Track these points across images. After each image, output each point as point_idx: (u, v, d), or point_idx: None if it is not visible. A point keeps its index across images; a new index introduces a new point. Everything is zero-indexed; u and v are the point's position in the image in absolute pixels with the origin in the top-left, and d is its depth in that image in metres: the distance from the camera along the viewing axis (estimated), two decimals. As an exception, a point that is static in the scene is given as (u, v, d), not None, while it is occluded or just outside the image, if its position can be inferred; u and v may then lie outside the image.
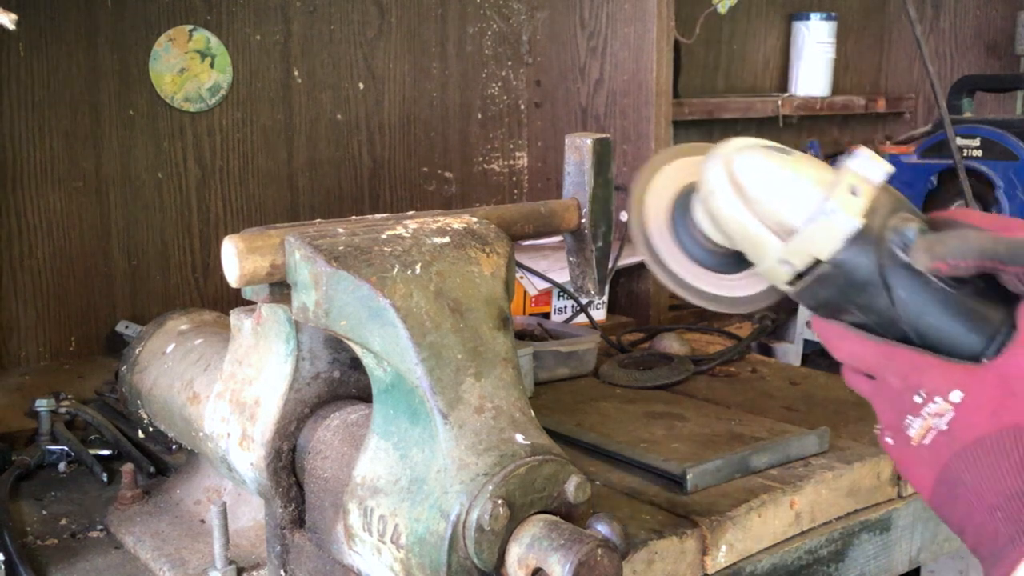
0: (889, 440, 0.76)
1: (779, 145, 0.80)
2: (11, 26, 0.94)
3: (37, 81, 1.74)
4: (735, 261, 0.86)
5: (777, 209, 0.78)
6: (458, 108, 2.27)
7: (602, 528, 0.78)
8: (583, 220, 1.11)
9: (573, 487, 0.81)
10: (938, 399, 0.72)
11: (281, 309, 0.93)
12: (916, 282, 0.75)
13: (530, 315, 1.91)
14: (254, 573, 1.00)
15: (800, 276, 0.78)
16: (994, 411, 0.69)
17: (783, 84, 2.93)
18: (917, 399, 0.73)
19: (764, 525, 1.18)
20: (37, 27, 1.74)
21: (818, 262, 0.77)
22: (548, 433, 0.85)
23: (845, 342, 0.79)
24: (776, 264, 0.78)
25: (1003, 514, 0.67)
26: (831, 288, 0.77)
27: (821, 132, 2.92)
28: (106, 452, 1.32)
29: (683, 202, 0.87)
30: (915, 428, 0.73)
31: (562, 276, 1.88)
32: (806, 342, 1.81)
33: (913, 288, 0.75)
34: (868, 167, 0.76)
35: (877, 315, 0.77)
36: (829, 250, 0.76)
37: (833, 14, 2.85)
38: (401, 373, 0.82)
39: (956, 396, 0.71)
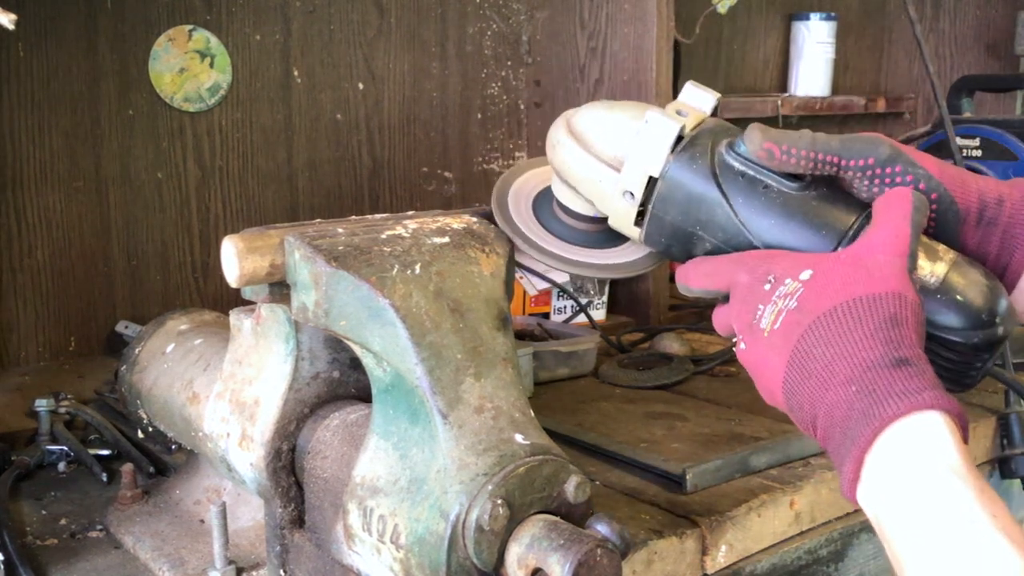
0: (743, 346, 0.72)
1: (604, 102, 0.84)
2: (10, 26, 0.94)
3: (37, 81, 1.74)
4: (606, 236, 0.88)
5: (610, 142, 0.81)
6: (458, 108, 2.27)
7: (602, 528, 0.78)
8: (583, 220, 1.11)
9: (573, 487, 0.81)
10: (788, 280, 0.69)
11: (281, 309, 0.93)
12: (755, 189, 0.75)
13: (530, 315, 1.92)
14: (254, 573, 1.00)
15: (642, 214, 0.80)
16: (847, 282, 0.66)
17: (783, 84, 2.93)
18: (767, 286, 0.70)
19: (764, 525, 1.18)
20: (37, 27, 1.73)
21: (654, 181, 0.79)
22: (548, 433, 0.85)
23: (695, 270, 0.78)
24: (621, 202, 0.80)
25: (857, 387, 0.62)
26: (672, 210, 0.78)
27: (821, 132, 2.92)
28: (106, 452, 1.32)
29: (541, 197, 0.91)
30: (766, 317, 0.69)
31: (562, 276, 1.88)
32: (806, 342, 1.81)
33: (752, 194, 0.75)
34: (696, 97, 0.80)
35: (723, 232, 0.76)
36: (659, 163, 0.78)
37: (833, 14, 2.85)
38: (401, 373, 0.82)
39: (806, 275, 0.68)
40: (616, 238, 0.88)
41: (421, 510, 0.79)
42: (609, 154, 0.82)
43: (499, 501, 0.76)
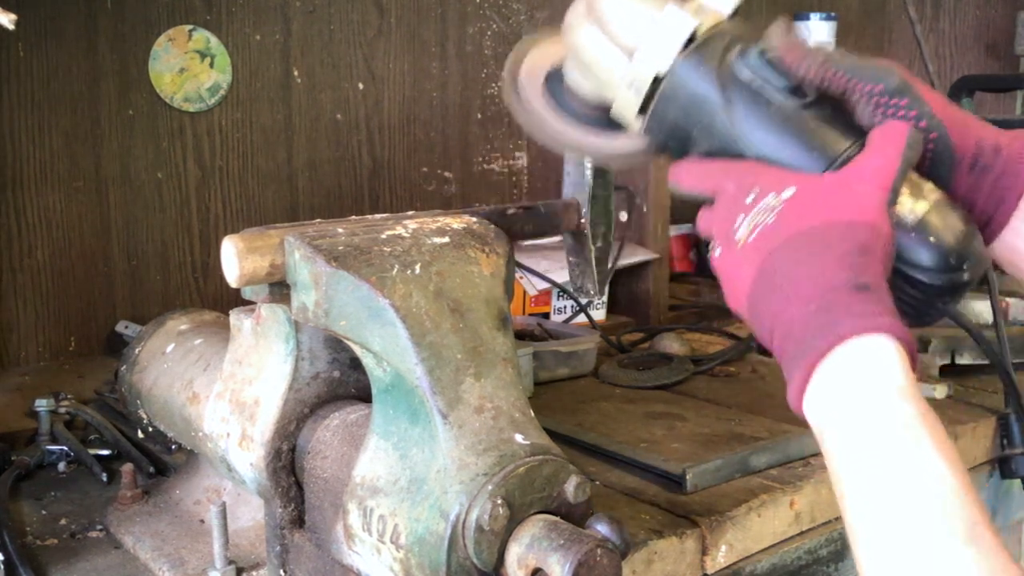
0: (717, 252, 0.74)
1: None
2: (11, 26, 0.94)
3: (37, 81, 1.74)
4: (608, 122, 0.86)
5: (626, 27, 0.79)
6: (458, 108, 2.27)
7: (602, 528, 0.78)
8: (583, 220, 1.11)
9: (573, 487, 0.81)
10: (771, 195, 0.70)
11: (281, 309, 0.93)
12: (757, 101, 0.75)
13: (530, 315, 1.91)
14: (254, 573, 1.00)
15: (645, 106, 0.79)
16: (825, 205, 0.67)
17: (783, 84, 2.93)
18: (749, 199, 0.71)
19: (764, 525, 1.18)
20: (37, 27, 1.73)
21: (661, 78, 0.78)
22: (548, 433, 0.85)
23: (687, 171, 0.78)
24: (626, 93, 0.79)
25: (818, 306, 0.64)
26: (674, 108, 0.78)
27: (821, 132, 2.92)
28: (106, 452, 1.32)
29: (554, 74, 0.90)
30: (743, 228, 0.71)
31: (562, 276, 1.88)
32: (806, 342, 1.81)
33: (754, 105, 0.75)
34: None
35: (719, 139, 0.76)
36: (667, 59, 0.77)
37: (833, 14, 2.85)
38: (401, 373, 0.82)
39: (788, 192, 0.69)
40: (615, 126, 0.86)
41: (421, 510, 0.79)
42: (623, 40, 0.80)
43: (499, 501, 0.76)
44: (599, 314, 2.03)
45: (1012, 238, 0.75)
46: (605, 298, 2.06)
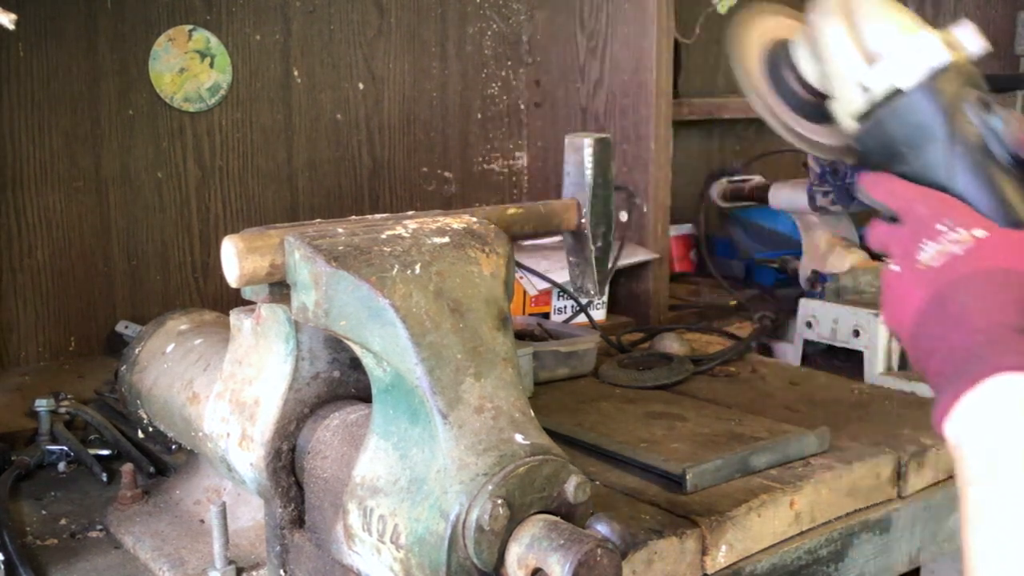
0: (895, 267, 0.79)
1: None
2: (11, 26, 0.94)
3: (37, 81, 1.74)
4: (818, 113, 0.90)
5: (876, 32, 0.83)
6: (458, 108, 2.27)
7: (602, 528, 0.78)
8: (583, 220, 1.11)
9: (573, 487, 0.81)
10: (962, 230, 0.75)
11: (281, 309, 0.93)
12: (980, 152, 0.80)
13: (530, 315, 1.91)
14: (254, 573, 1.00)
15: (869, 113, 0.83)
16: (1009, 254, 0.73)
17: (783, 84, 2.93)
18: (941, 227, 0.76)
19: (764, 525, 1.18)
20: (37, 27, 1.74)
21: (896, 93, 0.82)
22: (548, 433, 0.85)
23: (883, 184, 0.83)
24: (855, 92, 0.83)
25: (985, 337, 0.68)
26: (897, 125, 0.82)
27: (821, 132, 2.92)
28: (106, 452, 1.32)
29: (780, 47, 0.92)
30: (928, 251, 0.76)
31: (562, 276, 1.88)
32: (806, 342, 1.81)
33: (975, 153, 0.80)
34: (969, 37, 0.85)
35: (926, 166, 0.81)
36: (913, 78, 0.81)
37: (833, 14, 2.85)
38: (401, 373, 0.82)
39: (980, 233, 0.75)
40: (824, 117, 0.90)
41: (421, 510, 0.79)
42: (869, 46, 0.84)
43: (499, 501, 0.76)
44: (599, 314, 2.03)
45: None
46: (605, 298, 2.06)
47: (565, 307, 1.98)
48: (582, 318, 1.95)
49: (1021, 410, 0.64)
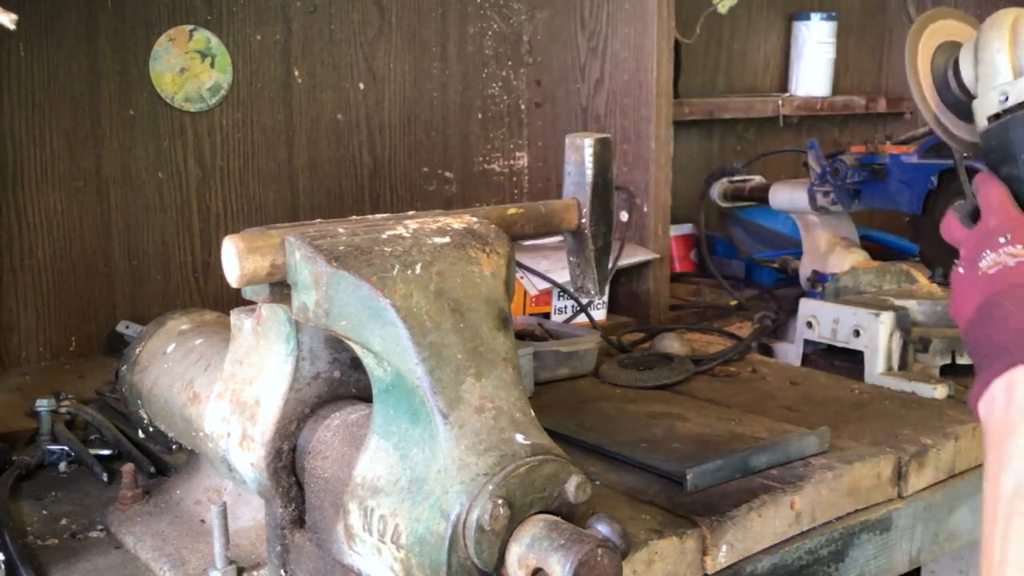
0: (960, 270, 0.93)
1: None
2: (11, 26, 0.94)
3: (37, 81, 1.74)
4: (963, 109, 1.04)
5: None
6: (458, 108, 2.27)
7: (602, 528, 0.78)
8: (583, 220, 1.11)
9: (573, 487, 0.81)
10: (1019, 246, 0.88)
11: (281, 309, 0.93)
12: None
13: (530, 315, 1.91)
14: (254, 573, 1.00)
15: (1003, 114, 0.96)
16: None
17: (783, 84, 2.93)
18: (1002, 239, 0.90)
19: (764, 525, 1.18)
20: (38, 27, 1.74)
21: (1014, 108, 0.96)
22: (548, 433, 0.85)
23: (991, 185, 0.96)
24: (995, 95, 0.97)
25: (1017, 336, 0.81)
26: (1019, 133, 0.95)
27: (821, 132, 2.92)
28: (106, 452, 1.32)
29: (946, 49, 1.07)
30: (987, 260, 0.89)
31: (562, 276, 1.88)
32: (806, 342, 1.81)
33: None
34: None
35: (1015, 169, 0.95)
36: None
37: (833, 14, 2.85)
38: (401, 373, 0.82)
39: None
40: (966, 115, 1.04)
41: (422, 510, 0.79)
42: (1020, 61, 0.97)
43: (500, 501, 0.76)
44: (600, 314, 2.03)
45: None
46: (606, 298, 2.06)
47: (565, 307, 1.98)
48: (582, 318, 1.95)
49: None
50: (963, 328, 0.90)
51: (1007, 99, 0.97)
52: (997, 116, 0.97)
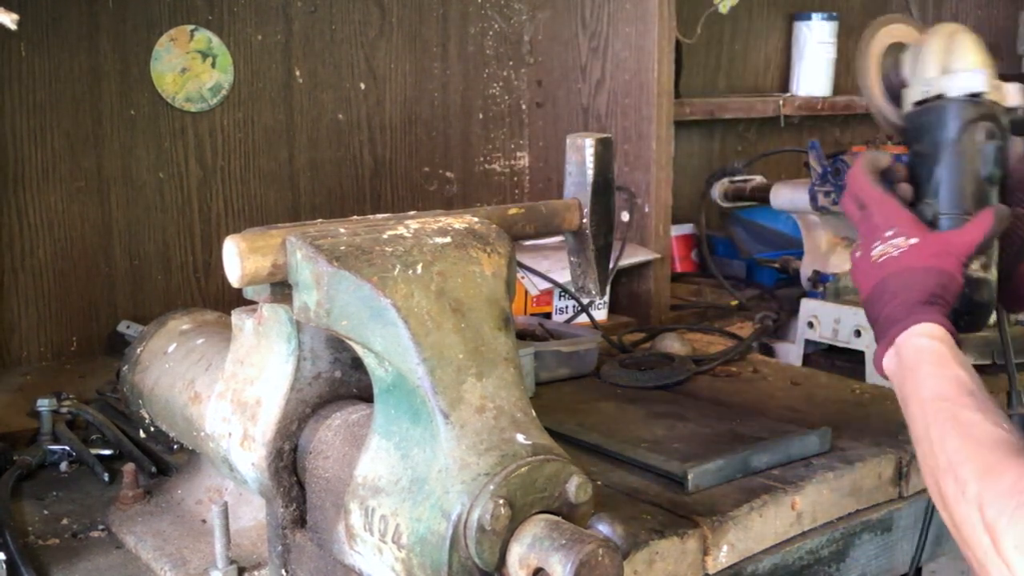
0: (858, 254, 1.14)
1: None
2: (13, 26, 0.94)
3: (38, 81, 1.75)
4: (898, 98, 1.23)
5: (956, 57, 1.15)
6: (459, 108, 2.27)
7: (603, 528, 0.78)
8: (584, 220, 1.11)
9: (574, 487, 0.81)
10: (901, 238, 1.09)
11: (283, 309, 0.93)
12: (970, 156, 1.12)
13: (531, 315, 1.92)
14: (255, 573, 1.00)
15: (924, 102, 1.16)
16: (930, 255, 1.07)
17: (784, 84, 2.93)
18: (888, 233, 1.10)
19: (765, 525, 1.18)
20: (39, 27, 1.74)
21: (940, 97, 1.15)
22: (549, 433, 0.85)
23: (856, 180, 1.17)
24: (921, 86, 1.17)
25: (903, 309, 1.05)
26: (932, 119, 1.16)
27: (822, 132, 2.92)
28: (107, 452, 1.32)
29: (894, 47, 1.24)
30: (877, 250, 1.10)
31: (563, 276, 1.88)
32: (807, 342, 1.81)
33: (966, 158, 1.12)
34: (1014, 92, 1.17)
35: (932, 153, 1.15)
36: (954, 93, 1.14)
37: (834, 14, 2.85)
38: (402, 373, 0.82)
39: (913, 240, 1.09)
40: (899, 102, 1.23)
41: (423, 510, 0.79)
42: (947, 62, 1.16)
43: (501, 501, 0.76)
44: (600, 314, 2.03)
45: None
46: (606, 298, 2.06)
47: (566, 307, 1.98)
48: (583, 318, 1.95)
49: (918, 343, 1.02)
50: (862, 302, 1.11)
51: (930, 90, 1.16)
52: (920, 103, 1.17)
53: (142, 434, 1.27)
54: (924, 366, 1.00)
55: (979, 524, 0.85)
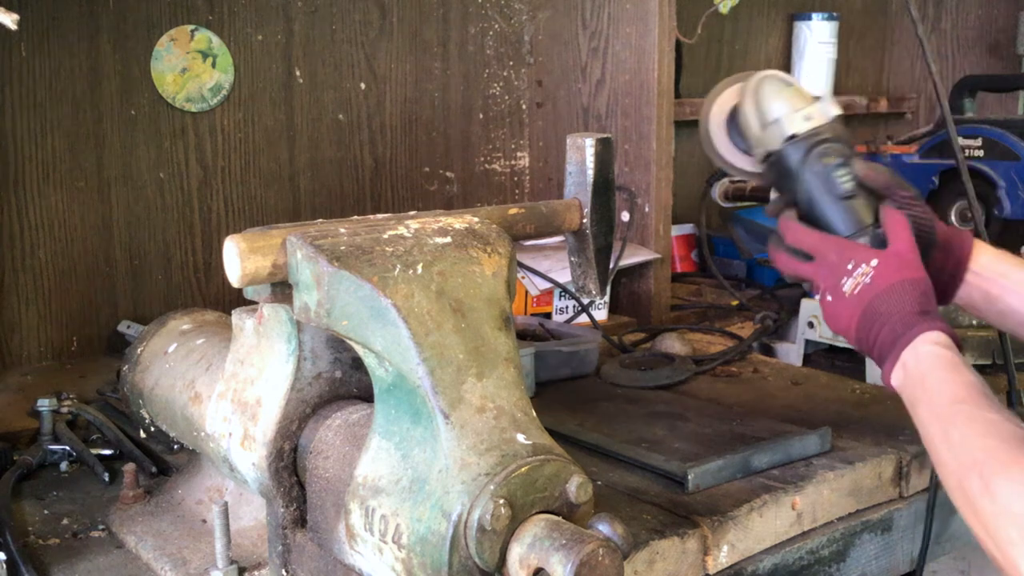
0: (828, 298, 1.12)
1: (787, 77, 1.23)
2: (13, 26, 0.94)
3: (39, 81, 1.75)
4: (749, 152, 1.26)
5: (766, 114, 1.19)
6: (460, 108, 2.27)
7: (604, 528, 0.78)
8: (585, 220, 1.11)
9: (575, 487, 0.81)
10: (863, 265, 1.09)
11: (283, 309, 0.93)
12: (822, 180, 1.16)
13: (532, 315, 1.92)
14: (256, 573, 1.00)
15: (766, 158, 1.20)
16: (898, 269, 1.08)
17: (785, 84, 2.93)
18: (849, 266, 1.10)
19: (765, 525, 1.18)
20: (39, 27, 1.74)
21: (771, 152, 1.19)
22: (550, 433, 0.85)
23: (794, 234, 1.16)
24: (756, 145, 1.21)
25: (901, 323, 1.04)
26: (776, 171, 1.19)
27: (823, 132, 2.91)
28: (108, 452, 1.32)
29: (730, 117, 1.27)
30: (848, 285, 1.10)
31: (564, 276, 1.88)
32: (808, 342, 1.81)
33: (818, 183, 1.16)
34: (826, 107, 1.19)
35: (798, 192, 1.17)
36: (776, 144, 1.18)
37: (835, 14, 2.85)
38: (403, 373, 0.82)
39: (874, 263, 1.09)
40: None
41: (423, 510, 0.79)
42: (764, 116, 1.19)
43: (501, 501, 0.76)
44: (601, 314, 2.03)
45: (966, 289, 1.20)
46: (607, 298, 2.06)
47: (567, 307, 1.98)
48: (584, 318, 1.95)
49: (925, 353, 1.02)
50: (852, 336, 1.10)
51: (762, 148, 1.21)
52: (765, 158, 1.21)
53: (142, 434, 1.27)
54: (936, 372, 1.01)
55: (1005, 516, 0.86)
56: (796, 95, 1.20)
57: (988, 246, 1.23)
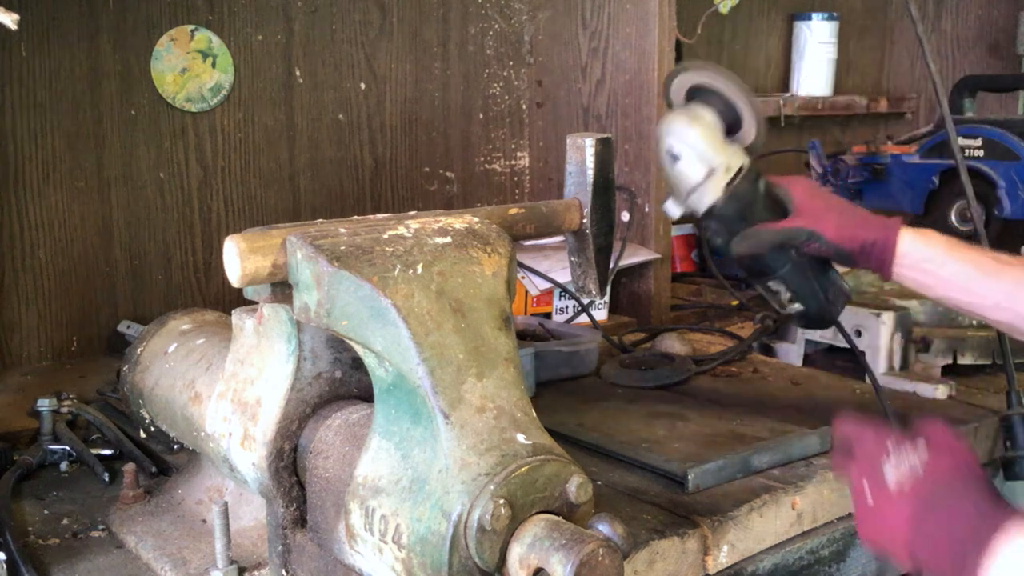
0: (870, 500, 0.94)
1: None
2: (13, 26, 0.94)
3: (39, 81, 1.75)
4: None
5: (686, 170, 1.24)
6: (460, 108, 2.27)
7: (604, 528, 0.78)
8: (584, 220, 1.11)
9: (575, 487, 0.81)
10: (902, 453, 0.93)
11: (283, 309, 0.93)
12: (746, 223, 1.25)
13: (532, 315, 1.91)
14: (256, 573, 1.00)
15: (708, 213, 1.25)
16: (951, 457, 0.91)
17: (785, 84, 2.93)
18: (884, 457, 0.93)
19: (766, 525, 1.18)
20: (39, 27, 1.74)
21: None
22: (550, 433, 0.85)
23: (849, 426, 0.98)
24: (696, 199, 1.25)
25: (979, 517, 0.86)
26: (722, 219, 1.25)
27: (823, 132, 2.92)
28: (108, 452, 1.32)
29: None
30: (891, 475, 0.92)
31: (564, 276, 1.88)
32: (808, 342, 1.81)
33: (750, 206, 1.25)
34: (736, 155, 1.26)
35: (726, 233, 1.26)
36: (706, 205, 1.24)
37: (835, 14, 2.85)
38: (403, 373, 0.82)
39: (922, 444, 0.92)
40: None
41: (423, 510, 0.79)
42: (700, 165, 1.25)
43: (501, 501, 0.76)
44: (601, 314, 2.03)
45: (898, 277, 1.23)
46: (607, 298, 2.06)
47: (567, 307, 1.98)
48: (584, 318, 1.95)
49: None
50: (903, 541, 0.91)
51: (698, 205, 1.25)
52: (706, 214, 1.25)
53: (142, 434, 1.27)
54: None
55: None
56: (713, 146, 1.24)
57: (912, 233, 1.22)
